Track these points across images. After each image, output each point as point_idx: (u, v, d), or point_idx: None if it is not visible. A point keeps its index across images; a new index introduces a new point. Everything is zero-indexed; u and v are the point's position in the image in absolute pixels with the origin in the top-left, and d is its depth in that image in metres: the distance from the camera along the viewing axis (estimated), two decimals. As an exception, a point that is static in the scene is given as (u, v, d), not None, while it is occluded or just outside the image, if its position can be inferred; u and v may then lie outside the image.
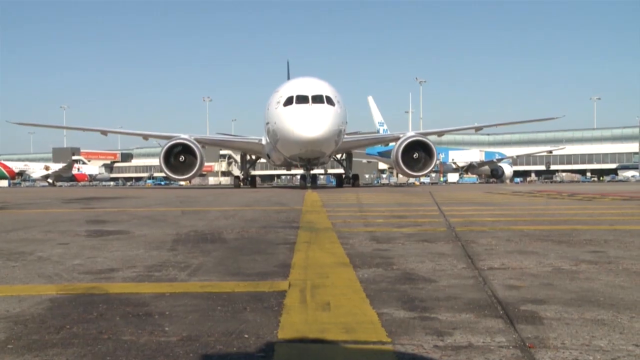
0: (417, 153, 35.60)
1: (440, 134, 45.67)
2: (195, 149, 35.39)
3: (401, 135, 37.99)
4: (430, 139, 37.11)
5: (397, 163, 35.95)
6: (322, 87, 30.04)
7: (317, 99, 28.60)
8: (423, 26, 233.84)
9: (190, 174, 36.32)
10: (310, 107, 28.18)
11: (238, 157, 57.14)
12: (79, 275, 4.10)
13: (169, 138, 37.16)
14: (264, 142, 36.53)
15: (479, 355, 2.27)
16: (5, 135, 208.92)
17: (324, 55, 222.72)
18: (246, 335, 2.56)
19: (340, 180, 42.79)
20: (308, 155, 30.72)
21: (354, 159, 45.38)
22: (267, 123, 31.48)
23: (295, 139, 28.61)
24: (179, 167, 35.60)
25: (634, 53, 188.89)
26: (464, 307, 3.01)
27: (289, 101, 28.89)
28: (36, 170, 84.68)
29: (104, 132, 43.28)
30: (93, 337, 2.57)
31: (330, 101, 28.93)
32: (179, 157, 35.36)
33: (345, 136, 39.01)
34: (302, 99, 28.59)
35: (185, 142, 35.65)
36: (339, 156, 42.38)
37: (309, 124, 27.73)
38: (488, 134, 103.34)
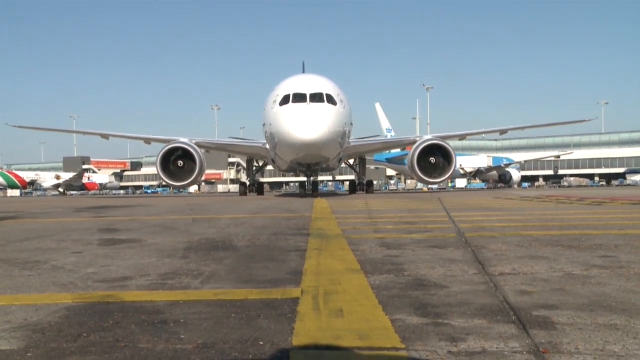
0: (435, 158, 33.39)
1: (461, 137, 42.95)
2: (195, 154, 33.41)
3: (418, 139, 35.78)
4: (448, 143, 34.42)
5: (413, 169, 33.65)
6: (322, 85, 26.80)
7: (316, 98, 25.44)
8: (430, 34, 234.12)
9: (189, 180, 34.26)
10: (307, 106, 25.03)
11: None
12: (94, 283, 4.13)
13: (169, 142, 35.09)
14: (268, 146, 32.77)
15: (493, 361, 2.28)
16: (16, 145, 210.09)
17: (332, 62, 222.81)
18: (261, 343, 2.57)
19: (353, 187, 40.33)
20: (308, 161, 27.82)
21: (362, 165, 43.29)
22: (264, 125, 28.79)
23: (291, 142, 25.55)
24: (177, 174, 33.71)
25: None
26: (476, 313, 3.01)
27: (285, 100, 25.79)
28: (47, 179, 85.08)
29: (105, 136, 41.39)
30: (110, 345, 2.58)
31: (331, 100, 25.79)
32: (178, 162, 33.48)
33: (358, 140, 37.04)
34: (299, 98, 25.45)
35: (185, 146, 33.74)
36: (351, 161, 40.71)
37: (306, 125, 24.55)
38: (496, 140, 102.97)
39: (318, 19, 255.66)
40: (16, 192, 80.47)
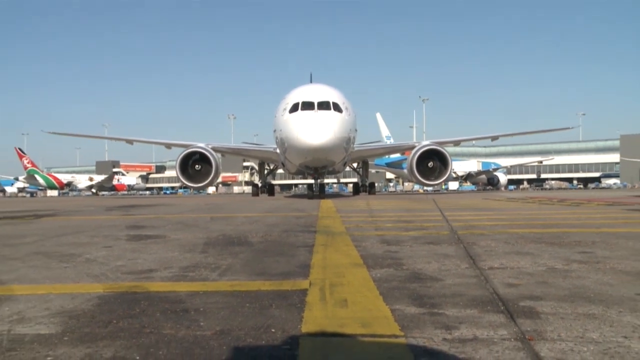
0: (432, 162, 32.75)
1: (456, 143, 42.25)
2: (211, 157, 32.87)
3: (416, 144, 35.17)
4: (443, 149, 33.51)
5: (412, 172, 33.02)
6: (329, 94, 25.97)
7: (324, 105, 24.70)
8: (425, 52, 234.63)
9: (206, 182, 33.71)
10: (315, 113, 24.29)
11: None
12: (122, 275, 4.13)
13: (188, 147, 34.39)
14: (279, 150, 31.48)
15: (483, 347, 2.26)
16: (55, 151, 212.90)
17: (337, 75, 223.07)
18: (273, 330, 2.56)
19: (356, 189, 39.92)
20: (315, 164, 26.82)
21: (364, 169, 42.65)
22: (274, 131, 27.92)
23: (300, 147, 24.82)
24: (195, 176, 33.24)
25: (614, 74, 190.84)
26: (468, 304, 2.99)
27: (294, 108, 25.06)
28: (82, 181, 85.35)
29: (130, 141, 40.93)
30: (137, 330, 2.58)
31: (337, 107, 25.02)
32: (195, 165, 32.90)
33: (361, 145, 36.19)
34: (307, 106, 24.71)
35: (202, 150, 33.21)
36: (355, 165, 40.14)
37: (314, 131, 23.85)
38: (485, 146, 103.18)
39: (324, 35, 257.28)
40: (54, 192, 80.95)
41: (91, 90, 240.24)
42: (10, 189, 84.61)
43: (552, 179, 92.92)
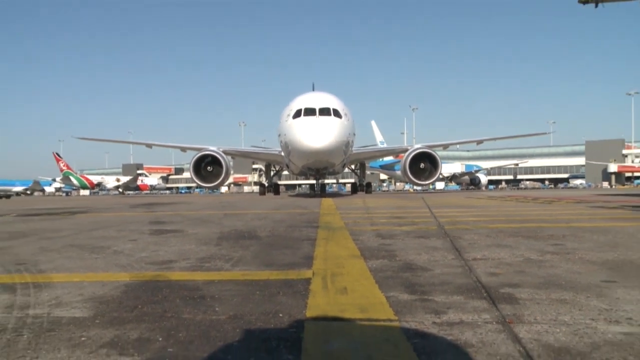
0: (424, 164, 32.13)
1: (445, 146, 41.98)
2: (222, 160, 32.07)
3: (409, 148, 34.88)
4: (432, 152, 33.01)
5: (405, 172, 32.61)
6: (329, 100, 25.53)
7: (324, 112, 24.32)
8: (415, 67, 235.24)
9: (217, 182, 32.91)
10: (317, 119, 23.92)
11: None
12: (146, 265, 4.12)
13: (201, 150, 33.77)
14: (283, 153, 30.80)
15: (469, 330, 2.25)
16: (86, 155, 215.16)
17: (337, 86, 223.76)
18: (280, 315, 2.55)
19: (354, 188, 39.33)
20: (317, 166, 26.46)
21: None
22: (279, 135, 27.57)
23: (303, 150, 24.36)
24: (207, 177, 32.41)
25: (580, 87, 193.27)
26: (455, 291, 2.98)
27: (297, 114, 24.63)
28: (110, 182, 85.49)
29: (149, 145, 40.43)
30: (159, 315, 2.58)
31: (337, 113, 24.60)
32: (207, 167, 32.27)
33: (359, 148, 35.76)
34: (310, 112, 24.35)
35: (213, 153, 32.55)
36: (353, 166, 39.67)
37: (316, 135, 23.45)
38: (468, 150, 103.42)
39: (325, 49, 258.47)
40: (86, 192, 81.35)
41: (118, 100, 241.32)
42: (48, 189, 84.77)
43: (527, 180, 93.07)
